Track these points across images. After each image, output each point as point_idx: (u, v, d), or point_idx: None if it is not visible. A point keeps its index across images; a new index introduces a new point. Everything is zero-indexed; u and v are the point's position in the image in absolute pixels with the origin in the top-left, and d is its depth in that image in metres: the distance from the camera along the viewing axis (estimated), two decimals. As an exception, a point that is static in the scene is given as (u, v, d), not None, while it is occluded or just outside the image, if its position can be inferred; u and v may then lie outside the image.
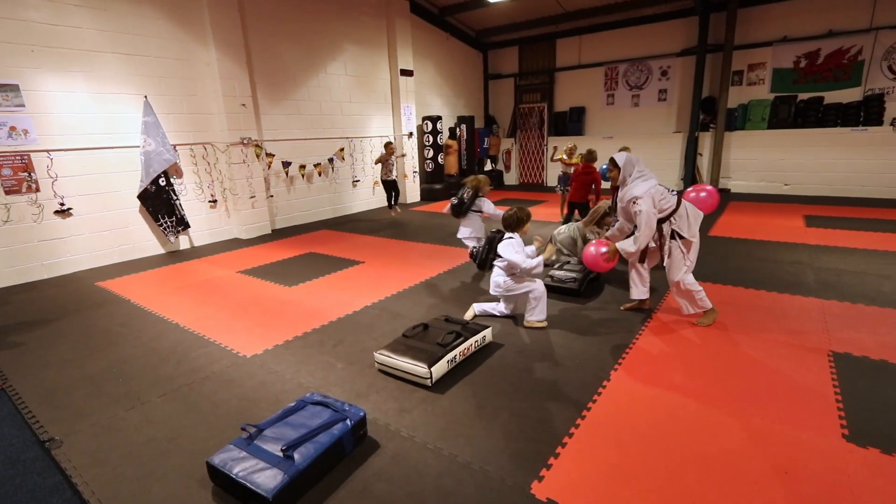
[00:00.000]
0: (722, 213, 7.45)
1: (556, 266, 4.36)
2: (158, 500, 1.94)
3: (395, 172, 8.28)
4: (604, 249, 3.41)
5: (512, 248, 3.31)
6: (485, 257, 3.92)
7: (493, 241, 3.81)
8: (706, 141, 9.69)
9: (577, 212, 6.08)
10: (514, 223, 3.46)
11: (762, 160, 9.19)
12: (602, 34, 10.56)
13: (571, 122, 11.42)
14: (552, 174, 11.92)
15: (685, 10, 9.33)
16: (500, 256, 3.40)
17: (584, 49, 10.95)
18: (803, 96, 8.67)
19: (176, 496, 1.96)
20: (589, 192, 5.96)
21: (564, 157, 6.78)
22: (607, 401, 2.53)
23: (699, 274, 4.51)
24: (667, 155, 10.09)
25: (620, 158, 3.40)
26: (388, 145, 8.03)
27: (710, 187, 3.73)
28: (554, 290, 4.10)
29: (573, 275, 4.13)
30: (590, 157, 6.01)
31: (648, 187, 3.24)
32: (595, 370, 2.84)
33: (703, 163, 9.83)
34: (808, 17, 8.40)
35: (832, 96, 8.44)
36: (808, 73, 8.58)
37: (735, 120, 9.32)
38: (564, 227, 4.94)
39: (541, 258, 3.31)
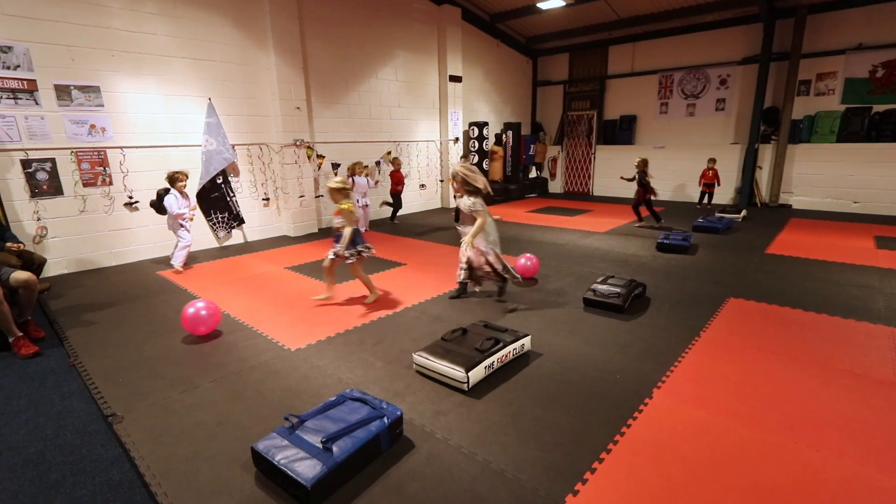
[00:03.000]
0: (782, 230, 7.05)
1: (600, 280, 4.26)
2: (206, 481, 2.05)
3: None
4: None
5: (173, 198, 5.21)
6: (159, 204, 5.31)
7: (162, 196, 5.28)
8: (766, 153, 9.20)
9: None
10: (171, 180, 5.22)
11: (829, 175, 8.63)
12: (657, 41, 10.26)
13: (621, 131, 11.15)
14: (599, 183, 11.68)
15: (749, 17, 8.92)
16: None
17: (638, 56, 10.68)
18: (879, 108, 8.08)
19: (222, 478, 2.07)
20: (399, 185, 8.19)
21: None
22: (649, 419, 2.45)
23: (753, 293, 4.30)
24: (723, 167, 9.62)
25: None
26: (463, 157, 7.75)
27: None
28: (597, 305, 4.00)
29: (617, 290, 4.01)
30: (395, 161, 8.18)
31: None
32: (637, 387, 2.76)
33: (763, 176, 9.34)
34: (887, 23, 7.83)
35: (912, 109, 7.82)
36: (885, 84, 7.99)
37: (800, 132, 8.80)
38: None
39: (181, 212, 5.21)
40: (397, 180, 8.19)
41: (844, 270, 4.99)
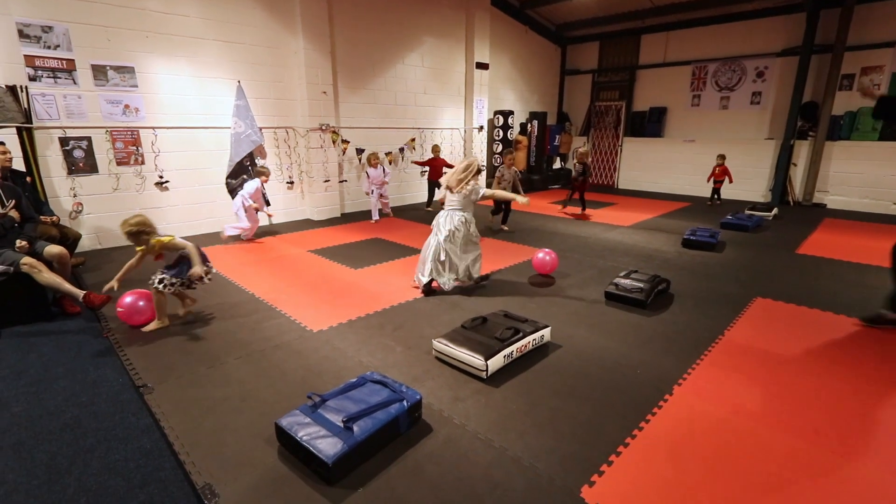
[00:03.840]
0: (815, 230, 6.82)
1: (623, 274, 4.20)
2: (232, 452, 2.13)
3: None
4: None
5: (252, 185, 5.92)
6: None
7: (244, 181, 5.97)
8: (802, 150, 8.87)
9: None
10: (258, 174, 5.98)
11: (869, 175, 8.28)
12: (692, 31, 9.93)
13: (650, 123, 10.89)
14: (625, 176, 11.47)
15: (791, 6, 8.55)
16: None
17: (671, 46, 10.36)
18: (927, 105, 7.67)
19: (246, 451, 2.14)
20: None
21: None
22: (668, 416, 2.43)
23: (781, 293, 4.20)
24: (756, 163, 9.37)
25: None
26: (507, 154, 6.89)
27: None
28: (618, 299, 3.96)
29: (640, 285, 3.95)
30: (435, 148, 8.20)
31: None
32: (657, 383, 2.74)
33: (797, 174, 9.02)
34: (942, 15, 7.41)
35: (964, 107, 7.41)
36: (935, 80, 7.59)
37: (840, 129, 8.45)
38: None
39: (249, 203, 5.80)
40: (435, 166, 7.99)
41: (880, 274, 4.81)
